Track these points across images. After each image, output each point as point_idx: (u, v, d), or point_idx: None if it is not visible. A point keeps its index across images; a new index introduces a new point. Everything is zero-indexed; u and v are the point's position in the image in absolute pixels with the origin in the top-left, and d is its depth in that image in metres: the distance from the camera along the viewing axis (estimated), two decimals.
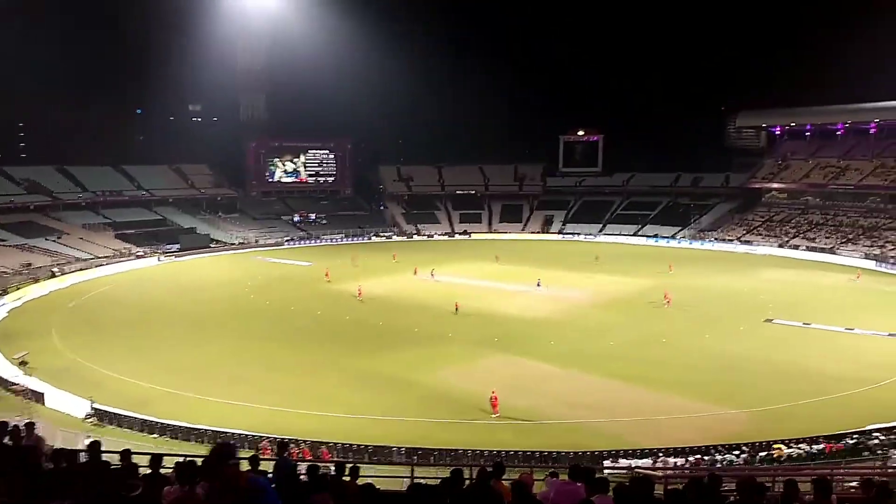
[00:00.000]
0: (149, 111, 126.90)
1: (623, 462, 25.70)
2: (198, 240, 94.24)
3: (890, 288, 62.72)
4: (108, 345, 45.38)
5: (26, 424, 11.01)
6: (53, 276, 70.86)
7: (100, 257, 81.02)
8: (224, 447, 6.90)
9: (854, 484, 15.13)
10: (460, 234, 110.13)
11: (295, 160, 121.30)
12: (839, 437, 28.04)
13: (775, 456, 26.40)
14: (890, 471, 19.43)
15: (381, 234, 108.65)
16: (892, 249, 79.20)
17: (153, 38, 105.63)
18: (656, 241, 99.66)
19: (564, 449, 27.90)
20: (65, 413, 33.41)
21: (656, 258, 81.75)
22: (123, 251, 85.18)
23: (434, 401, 34.33)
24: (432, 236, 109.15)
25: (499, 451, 27.50)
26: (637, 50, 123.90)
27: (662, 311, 53.78)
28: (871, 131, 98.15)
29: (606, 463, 26.22)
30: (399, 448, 28.03)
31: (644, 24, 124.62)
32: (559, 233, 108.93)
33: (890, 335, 45.77)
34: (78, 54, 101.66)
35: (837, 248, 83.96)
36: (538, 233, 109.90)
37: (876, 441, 27.59)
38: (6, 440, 9.76)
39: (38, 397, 34.78)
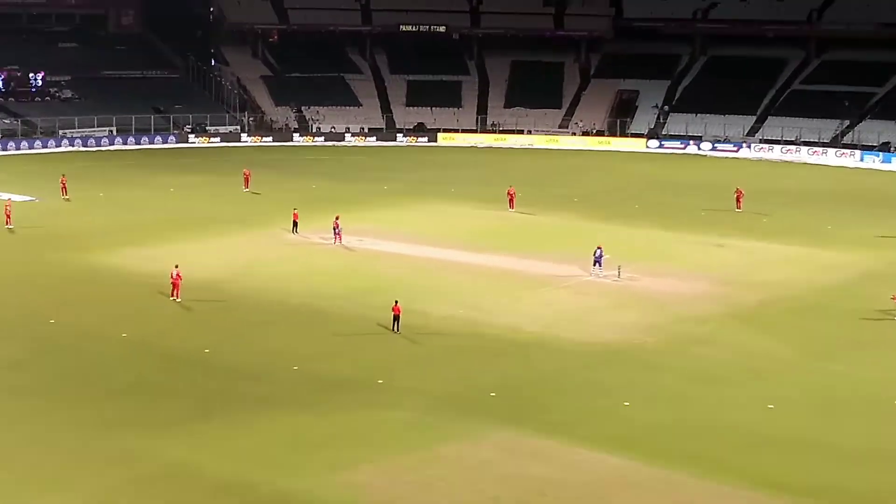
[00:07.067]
0: None
1: None
2: None
3: None
4: None
5: None
6: None
7: None
8: None
9: None
10: (410, 131, 76.65)
11: None
12: None
13: None
14: None
15: (210, 127, 73.97)
16: None
17: None
18: (880, 159, 69.41)
19: None
20: None
21: (880, 201, 56.99)
22: None
23: None
24: (342, 138, 75.49)
25: None
26: None
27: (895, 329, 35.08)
28: None
29: None
30: None
31: None
32: (654, 137, 75.58)
33: None
34: None
35: None
36: (602, 134, 76.91)
37: None
38: None
39: None
